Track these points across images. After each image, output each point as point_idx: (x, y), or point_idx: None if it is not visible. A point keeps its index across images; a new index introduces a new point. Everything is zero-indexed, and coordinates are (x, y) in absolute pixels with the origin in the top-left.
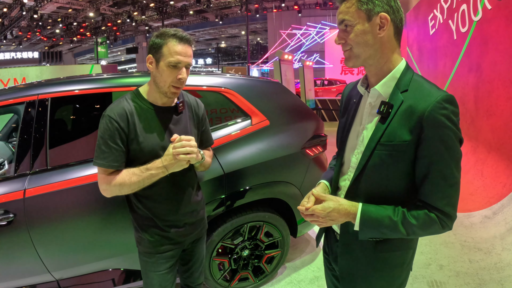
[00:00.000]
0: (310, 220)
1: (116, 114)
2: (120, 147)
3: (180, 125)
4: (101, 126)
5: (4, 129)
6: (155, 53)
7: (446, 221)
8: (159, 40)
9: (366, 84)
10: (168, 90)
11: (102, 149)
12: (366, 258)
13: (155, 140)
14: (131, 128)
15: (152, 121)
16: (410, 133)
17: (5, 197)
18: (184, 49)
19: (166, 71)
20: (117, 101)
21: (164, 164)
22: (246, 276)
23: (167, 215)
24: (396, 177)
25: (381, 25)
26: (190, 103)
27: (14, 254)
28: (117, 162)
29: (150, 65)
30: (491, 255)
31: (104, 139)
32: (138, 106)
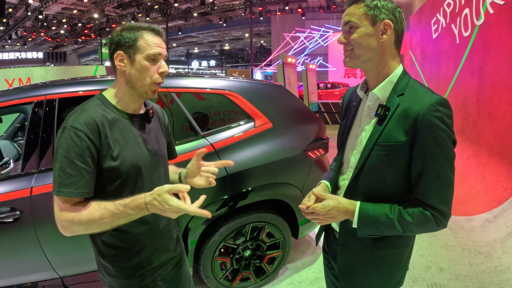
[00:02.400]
0: (311, 218)
1: (83, 124)
2: (91, 167)
3: (152, 134)
4: (63, 142)
5: (9, 128)
6: (127, 48)
7: (440, 219)
8: (132, 33)
9: (365, 88)
10: (149, 89)
11: (67, 173)
12: (364, 256)
13: (134, 153)
14: (103, 142)
15: (125, 131)
16: (406, 134)
17: (12, 195)
18: (160, 41)
19: (146, 66)
20: (80, 109)
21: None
22: (247, 276)
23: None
24: (392, 176)
25: (384, 31)
26: (156, 111)
27: (19, 251)
28: (88, 188)
29: (121, 63)
30: (491, 259)
31: (69, 158)
32: (107, 114)
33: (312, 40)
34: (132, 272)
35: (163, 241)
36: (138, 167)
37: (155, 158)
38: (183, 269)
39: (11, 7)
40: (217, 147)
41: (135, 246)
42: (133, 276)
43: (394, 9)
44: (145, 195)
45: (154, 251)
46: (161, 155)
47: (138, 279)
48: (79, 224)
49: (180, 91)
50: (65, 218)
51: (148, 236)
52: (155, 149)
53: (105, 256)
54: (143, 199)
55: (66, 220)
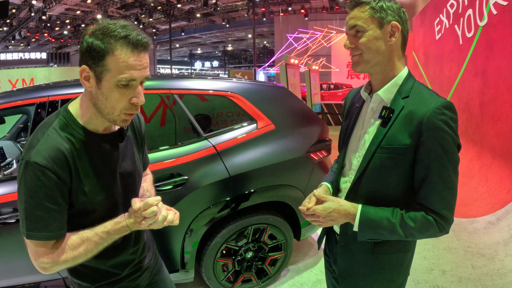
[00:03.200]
0: (311, 220)
1: (49, 159)
2: (62, 205)
3: (126, 154)
4: (26, 181)
5: (12, 129)
6: (93, 64)
7: (443, 224)
8: (101, 44)
9: (369, 90)
10: (118, 118)
11: (36, 216)
12: (364, 259)
13: (106, 184)
14: (74, 177)
15: (96, 158)
16: (410, 137)
17: (15, 196)
18: (139, 59)
19: (115, 94)
20: (42, 136)
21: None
22: (249, 278)
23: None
24: (395, 180)
25: (392, 33)
26: (133, 121)
27: (22, 251)
28: (62, 229)
29: (85, 82)
30: (494, 261)
31: (37, 200)
32: (74, 139)
33: (315, 41)
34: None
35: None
36: (113, 199)
37: (130, 180)
38: (160, 277)
39: (15, 8)
40: (219, 149)
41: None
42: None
43: (399, 10)
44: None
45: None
46: (137, 174)
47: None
48: (64, 263)
49: (183, 92)
50: (47, 260)
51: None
52: (129, 170)
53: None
54: (124, 221)
55: (50, 262)
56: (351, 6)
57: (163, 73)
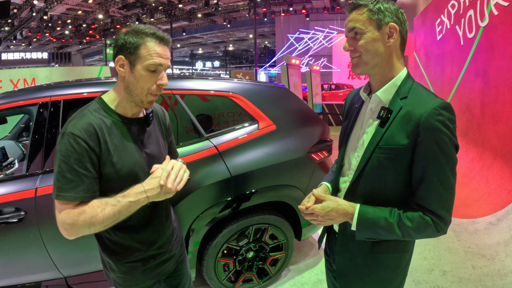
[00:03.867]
0: (310, 219)
1: (82, 131)
2: (91, 172)
3: (152, 138)
4: (62, 148)
5: (14, 128)
6: (129, 54)
7: (440, 225)
8: (135, 39)
9: (368, 90)
10: (145, 99)
11: (67, 178)
12: (362, 259)
13: (132, 159)
14: (103, 148)
15: (125, 137)
16: (407, 137)
17: (17, 195)
18: (164, 50)
19: (145, 76)
20: (79, 114)
21: (148, 192)
22: (250, 277)
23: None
24: (393, 180)
25: (390, 34)
26: (157, 112)
27: (24, 251)
28: (89, 192)
29: (121, 69)
30: (494, 262)
31: (69, 164)
32: (106, 119)
33: (316, 41)
34: (133, 268)
35: (163, 240)
36: (136, 173)
37: (154, 161)
38: (183, 267)
39: (16, 8)
40: (220, 149)
41: (137, 243)
42: (135, 272)
43: (397, 11)
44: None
45: (155, 248)
46: (160, 156)
47: (139, 275)
48: (83, 224)
49: (184, 93)
50: (69, 221)
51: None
52: (154, 152)
53: (108, 252)
54: (141, 184)
55: (69, 223)
56: (349, 9)
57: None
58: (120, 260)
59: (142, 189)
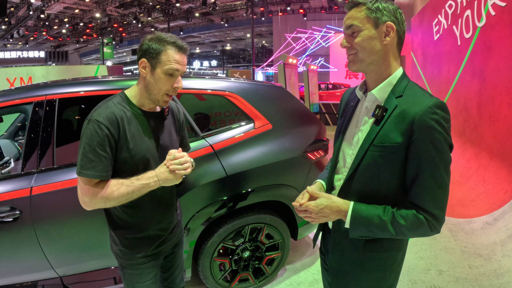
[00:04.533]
0: (303, 216)
1: (106, 119)
2: (109, 155)
3: (165, 131)
4: (87, 132)
5: (10, 127)
6: (151, 58)
7: (434, 223)
8: (158, 46)
9: (364, 89)
10: (161, 98)
11: (89, 158)
12: (355, 257)
13: (145, 147)
14: (122, 135)
15: (142, 127)
16: (402, 135)
17: (12, 194)
18: (182, 58)
19: (163, 79)
20: (104, 105)
21: (159, 176)
22: (246, 277)
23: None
24: (387, 178)
25: (387, 33)
26: (172, 108)
27: (19, 250)
28: (106, 172)
29: (143, 70)
30: (491, 261)
31: (91, 146)
32: (126, 111)
33: (314, 41)
34: (134, 244)
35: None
36: (148, 159)
37: (165, 152)
38: (179, 250)
39: (13, 6)
40: (216, 148)
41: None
42: (134, 247)
43: (395, 11)
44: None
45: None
46: (171, 148)
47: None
48: (101, 198)
49: (180, 91)
50: (88, 195)
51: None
52: (165, 143)
53: (113, 226)
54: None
55: (89, 196)
56: (348, 7)
57: None
58: (124, 235)
59: (154, 174)
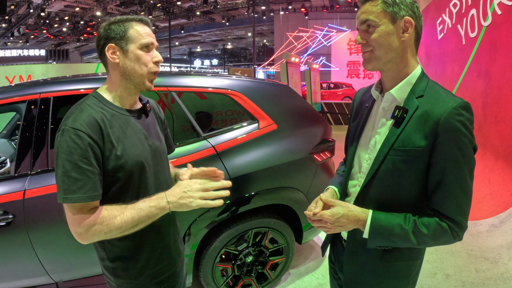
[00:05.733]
0: (317, 226)
1: (84, 124)
2: (96, 168)
3: (152, 128)
4: (63, 146)
5: (7, 126)
6: (118, 40)
7: (457, 231)
8: (121, 26)
9: (380, 89)
10: (146, 78)
11: (72, 177)
12: (372, 267)
13: (136, 150)
14: (106, 141)
15: (126, 128)
16: (425, 138)
17: (5, 198)
18: (149, 31)
19: (141, 55)
20: (77, 109)
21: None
22: (249, 282)
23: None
24: (408, 184)
25: (405, 28)
26: (153, 106)
27: (12, 255)
28: (97, 190)
29: (113, 55)
30: (497, 265)
31: (72, 161)
32: (105, 112)
33: (315, 40)
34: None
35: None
36: (142, 164)
37: (157, 153)
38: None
39: (13, 4)
40: (219, 150)
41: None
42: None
43: (413, 5)
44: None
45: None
46: (162, 149)
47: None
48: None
49: (181, 90)
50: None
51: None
52: (156, 143)
53: (113, 258)
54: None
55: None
56: (362, 0)
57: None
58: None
59: (164, 195)
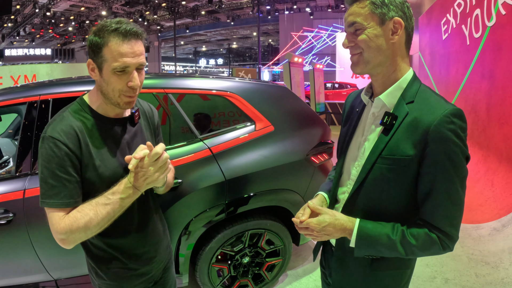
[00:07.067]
0: (305, 233)
1: (62, 134)
2: (73, 177)
3: (137, 138)
4: (42, 153)
5: (10, 126)
6: (95, 56)
7: (447, 242)
8: (98, 39)
9: (370, 93)
10: (120, 101)
11: (49, 183)
12: (360, 275)
13: (115, 163)
14: (84, 151)
15: (107, 138)
16: (414, 147)
17: (5, 197)
18: (131, 47)
19: (113, 79)
20: (59, 116)
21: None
22: (245, 283)
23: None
24: (396, 193)
25: (394, 30)
26: (144, 110)
27: (12, 253)
28: (72, 198)
29: (92, 72)
30: (498, 270)
31: (50, 169)
32: (86, 121)
33: (320, 40)
34: (121, 274)
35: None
36: (121, 175)
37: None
38: (170, 272)
39: (19, 4)
40: (215, 151)
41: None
42: (121, 278)
43: (403, 5)
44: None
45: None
46: None
47: (126, 282)
48: (78, 230)
49: (178, 92)
50: (62, 230)
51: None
52: None
53: (94, 258)
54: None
55: (64, 232)
56: (350, 1)
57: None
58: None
59: (128, 183)
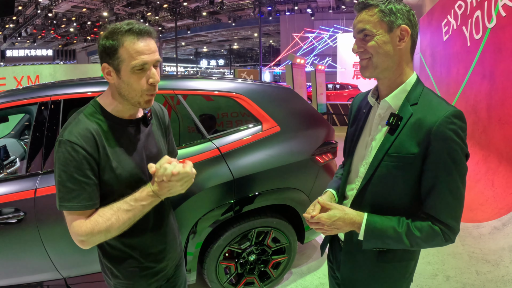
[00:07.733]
0: (315, 228)
1: (79, 137)
2: (92, 179)
3: (151, 138)
4: (60, 157)
5: (16, 126)
6: (110, 59)
7: (449, 234)
8: (111, 41)
9: (376, 95)
10: (141, 100)
11: (68, 187)
12: (368, 267)
13: (132, 163)
14: (102, 153)
15: (123, 139)
16: (418, 145)
17: (16, 196)
18: (146, 44)
19: (133, 78)
20: (74, 120)
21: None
22: (252, 280)
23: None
24: (402, 189)
25: (401, 37)
26: (155, 110)
27: (23, 252)
28: (91, 200)
29: (108, 76)
30: (498, 267)
31: (68, 173)
32: (102, 123)
33: (321, 41)
34: (137, 273)
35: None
36: (138, 176)
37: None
38: (181, 269)
39: (21, 5)
40: (223, 151)
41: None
42: (137, 276)
43: (409, 13)
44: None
45: (158, 253)
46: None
47: (142, 280)
48: (99, 234)
49: (187, 93)
50: (83, 232)
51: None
52: (154, 152)
53: (110, 258)
54: (149, 187)
55: (84, 234)
56: (359, 8)
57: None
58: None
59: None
